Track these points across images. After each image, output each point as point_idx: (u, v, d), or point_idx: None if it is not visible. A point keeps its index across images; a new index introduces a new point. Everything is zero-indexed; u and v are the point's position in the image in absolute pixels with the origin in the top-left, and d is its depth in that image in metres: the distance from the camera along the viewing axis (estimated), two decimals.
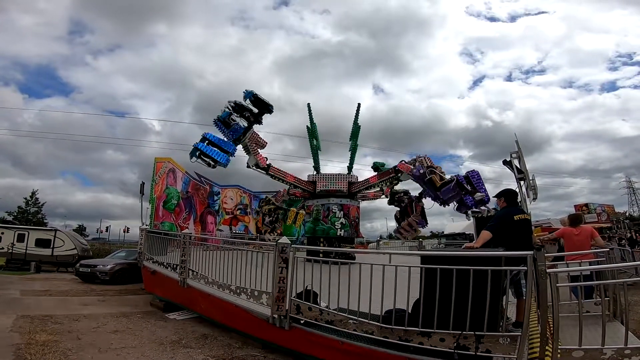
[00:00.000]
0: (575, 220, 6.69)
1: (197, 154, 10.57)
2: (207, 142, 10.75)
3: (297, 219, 15.46)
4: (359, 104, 14.38)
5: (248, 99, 11.22)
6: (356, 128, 14.06)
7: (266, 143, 12.17)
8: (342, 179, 13.00)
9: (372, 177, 12.91)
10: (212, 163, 10.82)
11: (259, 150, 12.02)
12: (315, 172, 13.76)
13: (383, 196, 14.84)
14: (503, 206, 4.75)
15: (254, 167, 12.10)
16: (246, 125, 11.29)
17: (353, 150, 14.06)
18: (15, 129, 71.63)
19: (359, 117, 14.15)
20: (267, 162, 12.37)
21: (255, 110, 11.36)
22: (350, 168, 13.84)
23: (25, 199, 37.94)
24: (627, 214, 31.35)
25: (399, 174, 11.63)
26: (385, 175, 12.25)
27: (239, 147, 11.60)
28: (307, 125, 14.32)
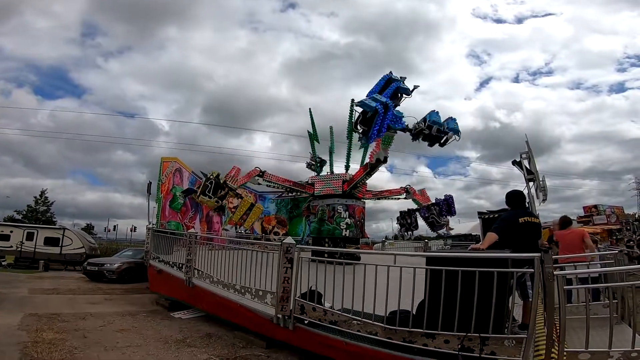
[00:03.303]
0: (563, 223, 6.65)
1: None
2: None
3: (250, 214, 12.66)
4: (353, 100, 13.89)
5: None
6: (351, 126, 13.98)
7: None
8: (337, 179, 13.03)
9: (385, 190, 15.29)
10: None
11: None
12: (315, 174, 13.88)
13: (403, 197, 15.70)
14: (508, 208, 4.72)
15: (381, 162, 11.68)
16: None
17: (349, 148, 14.05)
18: (28, 129, 72.56)
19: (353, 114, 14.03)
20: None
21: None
22: (347, 168, 13.88)
23: (35, 197, 38.42)
24: (636, 216, 30.88)
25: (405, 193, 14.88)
26: (396, 193, 14.96)
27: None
28: (308, 131, 14.35)
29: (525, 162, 8.78)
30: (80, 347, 5.15)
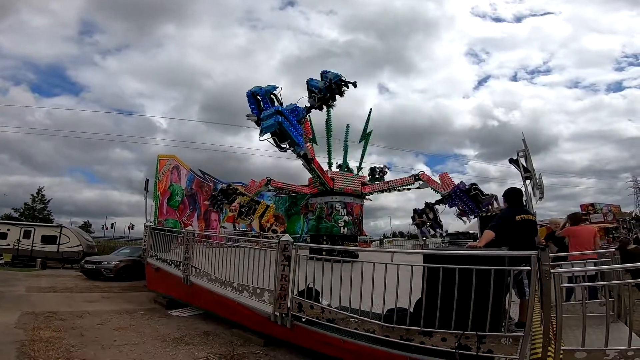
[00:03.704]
0: (578, 219, 6.67)
1: (275, 129, 8.66)
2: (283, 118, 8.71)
3: (265, 214, 14.32)
4: (371, 110, 14.47)
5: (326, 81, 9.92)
6: (368, 132, 14.11)
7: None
8: (357, 179, 13.06)
9: (390, 181, 13.59)
10: (285, 146, 9.12)
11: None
12: (328, 170, 13.79)
13: (416, 187, 14.70)
14: (505, 206, 4.73)
15: (301, 158, 10.59)
16: (308, 106, 10.01)
17: (363, 151, 14.16)
18: (25, 127, 72.35)
19: (369, 121, 14.18)
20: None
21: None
22: (359, 169, 13.95)
23: (32, 195, 38.25)
24: (633, 214, 31.02)
25: (417, 180, 12.41)
26: (403, 182, 12.96)
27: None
28: (347, 125, 14.20)
29: (522, 160, 8.80)
30: (77, 346, 5.13)
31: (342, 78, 9.81)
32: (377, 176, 14.57)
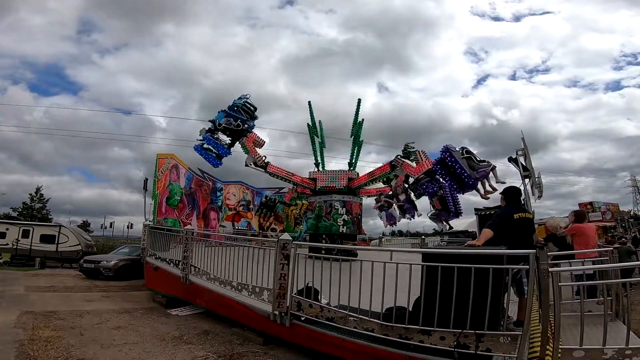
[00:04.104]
0: (581, 216, 6.63)
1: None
2: (204, 144, 11.60)
3: (301, 209, 16.51)
4: (359, 100, 14.23)
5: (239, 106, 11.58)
6: (357, 124, 13.94)
7: (264, 142, 12.28)
8: (342, 175, 12.95)
9: (368, 173, 12.98)
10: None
11: (256, 149, 12.05)
12: (315, 169, 13.73)
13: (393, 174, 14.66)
14: (503, 205, 4.73)
15: (251, 165, 12.17)
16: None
17: (353, 147, 13.97)
18: (23, 126, 72.18)
19: (359, 113, 13.99)
20: (266, 160, 12.36)
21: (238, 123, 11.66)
22: (350, 165, 13.80)
23: (30, 194, 38.18)
24: (631, 213, 31.10)
25: (395, 169, 11.68)
26: (381, 171, 12.39)
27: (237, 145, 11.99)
28: (307, 123, 14.25)
29: (521, 159, 8.78)
30: (76, 345, 5.14)
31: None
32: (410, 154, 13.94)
